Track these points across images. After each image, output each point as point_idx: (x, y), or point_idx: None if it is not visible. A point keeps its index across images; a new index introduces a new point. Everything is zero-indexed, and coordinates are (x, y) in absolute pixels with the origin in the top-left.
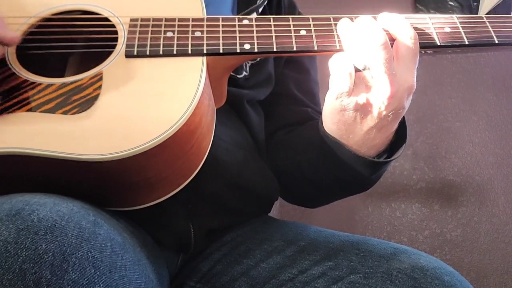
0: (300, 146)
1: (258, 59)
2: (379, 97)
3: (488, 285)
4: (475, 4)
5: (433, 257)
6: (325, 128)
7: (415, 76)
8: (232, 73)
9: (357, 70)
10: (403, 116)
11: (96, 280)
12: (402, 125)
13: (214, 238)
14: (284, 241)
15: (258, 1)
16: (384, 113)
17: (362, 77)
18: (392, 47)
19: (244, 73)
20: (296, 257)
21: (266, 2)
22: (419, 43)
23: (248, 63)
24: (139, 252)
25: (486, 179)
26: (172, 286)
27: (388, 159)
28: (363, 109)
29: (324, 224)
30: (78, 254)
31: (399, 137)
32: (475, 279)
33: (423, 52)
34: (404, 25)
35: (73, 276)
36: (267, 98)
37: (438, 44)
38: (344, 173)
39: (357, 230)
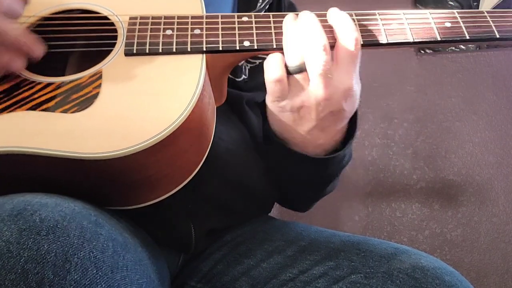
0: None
1: (258, 62)
2: (313, 99)
3: (488, 285)
4: (475, 4)
5: (434, 257)
6: (271, 128)
7: (354, 79)
8: (231, 76)
9: (292, 73)
10: (355, 114)
11: (98, 281)
12: (354, 124)
13: (214, 238)
14: (284, 241)
15: (258, 5)
16: (321, 115)
17: (295, 80)
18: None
19: (243, 76)
20: (297, 257)
21: (267, 6)
22: (421, 38)
23: (247, 66)
24: (141, 252)
25: (486, 179)
26: (173, 286)
27: (330, 156)
28: (300, 111)
29: (324, 224)
30: (80, 254)
31: (351, 134)
32: (475, 279)
33: (422, 52)
34: (347, 27)
35: (75, 277)
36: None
37: (439, 39)
38: (298, 172)
39: (358, 230)
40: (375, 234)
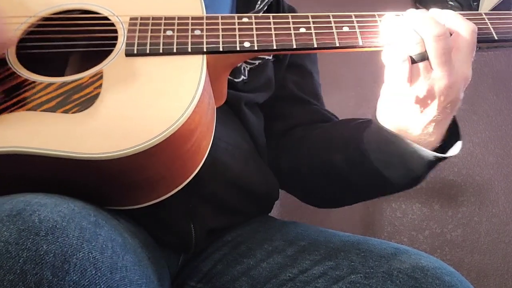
0: (333, 144)
1: (257, 63)
2: (437, 88)
3: (488, 285)
4: (475, 4)
5: (434, 257)
6: (379, 118)
7: (471, 68)
8: (229, 77)
9: (414, 62)
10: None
11: (97, 281)
12: (453, 123)
13: (214, 238)
14: (284, 241)
15: (257, 6)
16: (443, 104)
17: (419, 69)
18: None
19: (243, 77)
20: (296, 257)
21: (266, 7)
22: None
23: (247, 67)
24: (140, 253)
25: (486, 179)
26: (173, 286)
27: (447, 156)
28: (423, 101)
29: (324, 224)
30: (79, 255)
31: (451, 134)
32: (475, 279)
33: None
34: (461, 19)
35: (74, 277)
36: (270, 102)
37: None
38: (394, 171)
39: (358, 230)
40: (375, 234)
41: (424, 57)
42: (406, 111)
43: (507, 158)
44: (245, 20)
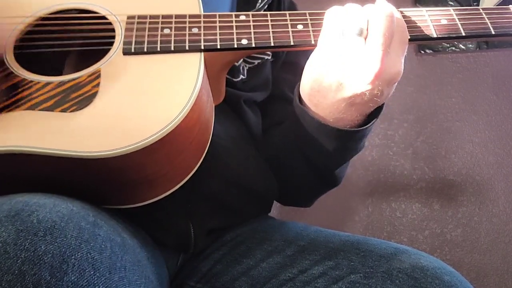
0: (279, 134)
1: (256, 62)
2: (364, 70)
3: (488, 285)
4: (475, 4)
5: (434, 257)
6: (300, 89)
7: (403, 66)
8: (228, 76)
9: (352, 33)
10: (382, 104)
11: (95, 282)
12: (376, 110)
13: (214, 237)
14: (284, 240)
15: (257, 5)
16: (362, 89)
17: (353, 43)
18: None
19: (241, 76)
20: (296, 256)
21: (266, 6)
22: (417, 35)
23: (246, 66)
24: (139, 253)
25: (486, 179)
26: (172, 286)
27: (344, 129)
28: (343, 78)
29: (324, 224)
30: (78, 255)
31: (370, 121)
32: (475, 279)
33: (422, 52)
34: (396, 13)
35: (73, 278)
36: (263, 100)
37: (435, 36)
38: (309, 147)
39: (357, 230)
40: (375, 234)
41: (361, 32)
42: (324, 81)
43: (507, 158)
44: (242, 17)
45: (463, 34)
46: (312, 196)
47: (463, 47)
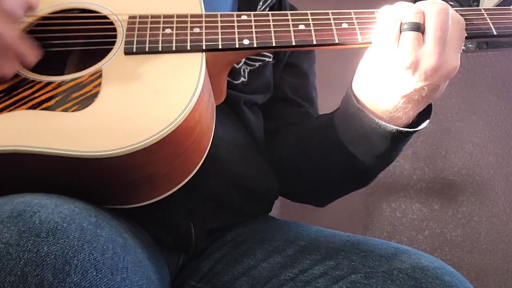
0: (308, 133)
1: (257, 64)
2: (423, 64)
3: (488, 285)
4: (475, 4)
5: (434, 257)
6: (354, 88)
7: (459, 61)
8: (229, 78)
9: (407, 29)
10: (431, 104)
11: (98, 283)
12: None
13: (214, 237)
14: (284, 240)
15: (259, 8)
16: (421, 84)
17: (410, 37)
18: None
19: (242, 79)
20: (296, 256)
21: (268, 9)
22: None
23: (247, 68)
24: (141, 253)
25: (486, 179)
26: (173, 286)
27: (405, 130)
28: (403, 71)
29: (324, 224)
30: (80, 256)
31: (418, 122)
32: (475, 279)
33: None
34: (455, 12)
35: (75, 279)
36: (265, 102)
37: None
38: (358, 146)
39: (357, 230)
40: (375, 234)
41: (418, 27)
42: (383, 77)
43: (507, 158)
44: (244, 17)
45: (465, 34)
46: (336, 196)
47: (463, 47)
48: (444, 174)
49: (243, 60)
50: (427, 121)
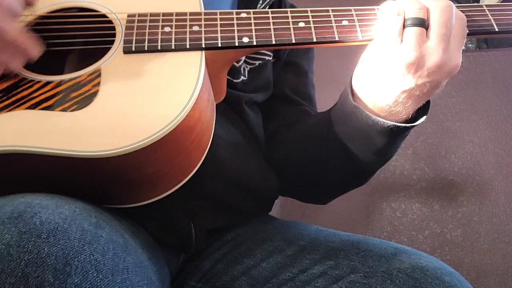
0: (306, 131)
1: (257, 63)
2: (427, 60)
3: (488, 285)
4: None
5: (434, 258)
6: (353, 83)
7: (461, 58)
8: (229, 77)
9: (412, 24)
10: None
11: (98, 284)
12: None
13: (214, 237)
14: (284, 240)
15: (259, 6)
16: (424, 80)
17: (413, 33)
18: None
19: (242, 77)
20: (296, 256)
21: (267, 7)
22: None
23: (247, 67)
24: (141, 254)
25: (486, 179)
26: (173, 286)
27: (402, 125)
28: (406, 66)
29: (324, 224)
30: (81, 257)
31: (416, 117)
32: (475, 279)
33: None
34: (456, 9)
35: (76, 280)
36: (264, 101)
37: None
38: (356, 145)
39: (357, 230)
40: (375, 234)
41: (423, 23)
42: (383, 72)
43: (507, 158)
44: (243, 15)
45: (467, 31)
46: (335, 194)
47: (463, 46)
48: (444, 174)
49: (243, 58)
50: (425, 116)
